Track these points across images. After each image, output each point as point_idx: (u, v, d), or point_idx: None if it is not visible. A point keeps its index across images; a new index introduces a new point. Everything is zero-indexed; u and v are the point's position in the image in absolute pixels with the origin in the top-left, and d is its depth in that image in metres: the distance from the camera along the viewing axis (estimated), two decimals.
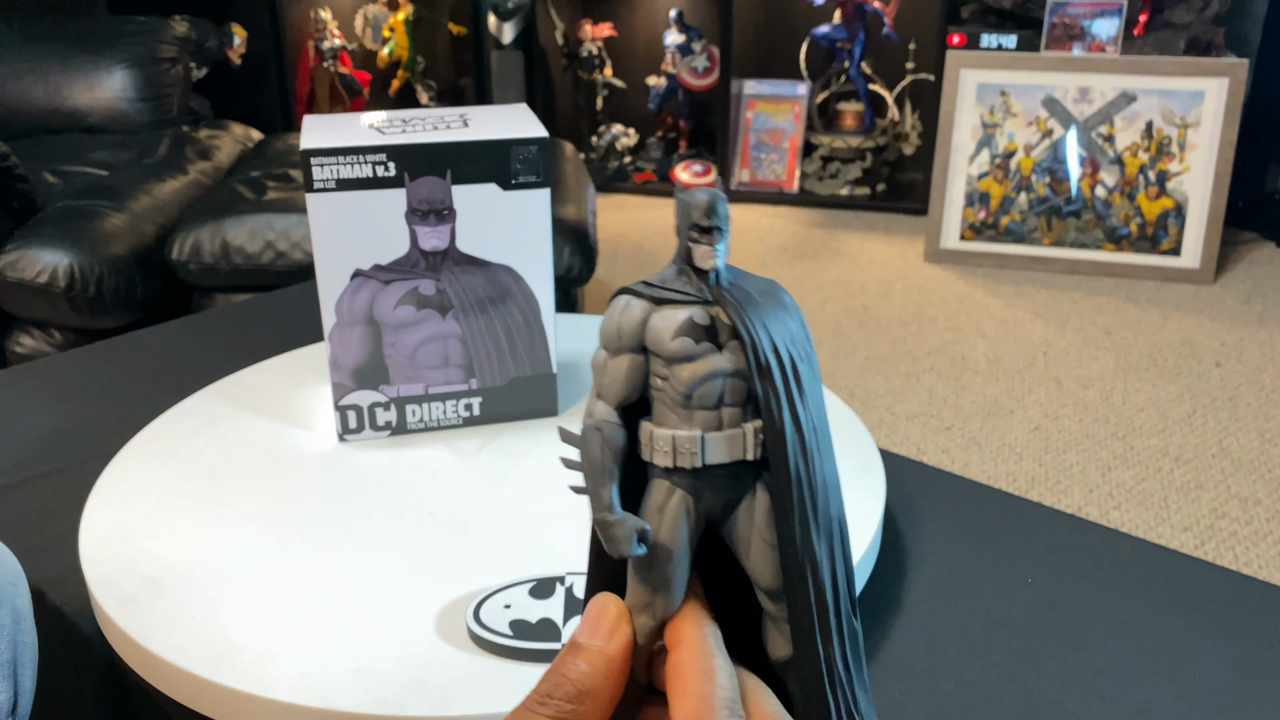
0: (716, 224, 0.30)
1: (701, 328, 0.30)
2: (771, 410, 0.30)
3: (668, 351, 0.30)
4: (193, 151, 2.43)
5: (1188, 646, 0.71)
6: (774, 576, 0.31)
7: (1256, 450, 1.99)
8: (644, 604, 0.32)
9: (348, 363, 0.85)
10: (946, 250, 2.95)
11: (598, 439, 0.31)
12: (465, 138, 0.81)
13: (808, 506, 0.30)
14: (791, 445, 0.30)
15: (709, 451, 0.30)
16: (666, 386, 0.31)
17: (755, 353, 0.30)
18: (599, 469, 0.30)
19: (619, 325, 0.31)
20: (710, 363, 0.30)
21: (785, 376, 0.30)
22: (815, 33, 3.45)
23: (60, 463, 0.90)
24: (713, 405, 0.30)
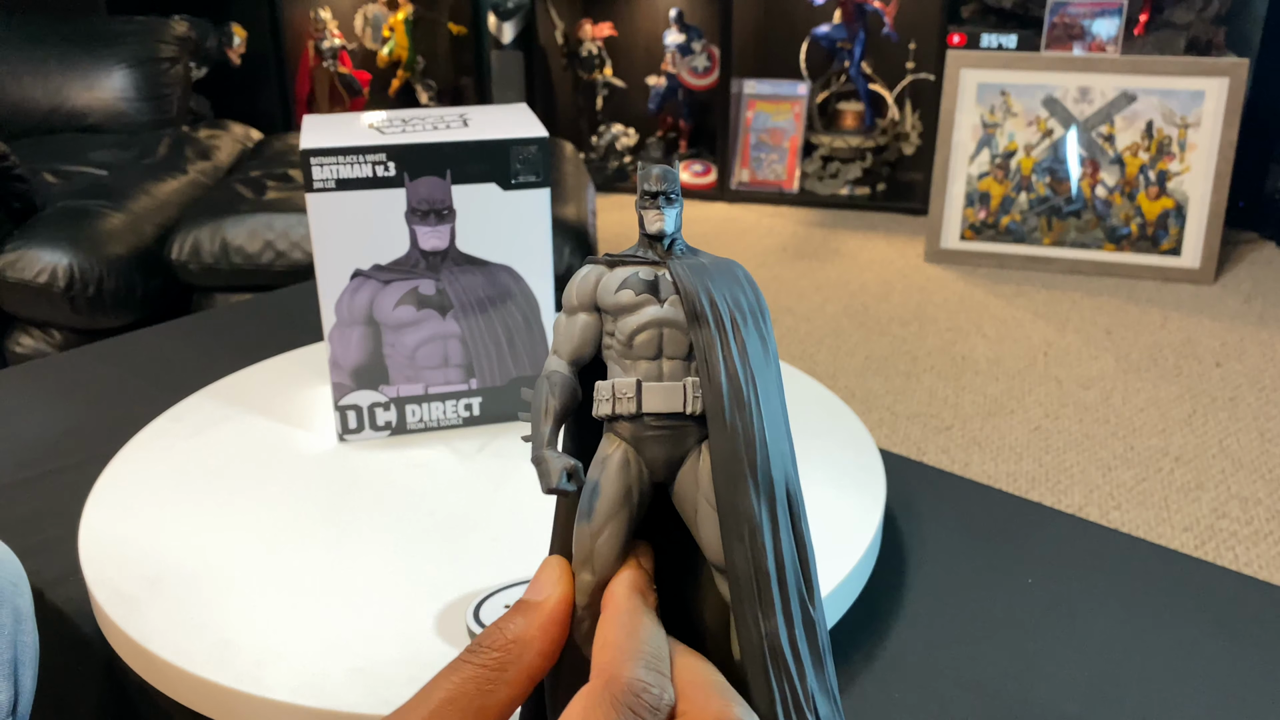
0: (662, 189, 0.32)
1: (645, 282, 0.32)
2: (705, 359, 0.30)
3: (611, 303, 0.32)
4: (192, 151, 2.42)
5: (1188, 646, 0.70)
6: (718, 545, 0.31)
7: (1257, 450, 1.99)
8: (583, 558, 0.32)
9: (347, 363, 0.85)
10: (947, 250, 2.95)
11: (545, 385, 0.32)
12: (465, 137, 0.81)
13: (743, 461, 0.30)
14: (727, 396, 0.30)
15: (646, 399, 0.31)
16: (613, 341, 0.32)
17: (690, 300, 0.31)
18: (540, 409, 0.32)
19: (575, 287, 0.33)
20: (649, 312, 0.31)
21: (723, 328, 0.31)
22: (815, 32, 3.45)
23: (60, 463, 0.90)
24: (652, 355, 0.31)
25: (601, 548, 0.31)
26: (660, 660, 0.29)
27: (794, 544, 0.31)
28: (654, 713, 0.27)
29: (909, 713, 0.66)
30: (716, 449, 0.30)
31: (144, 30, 2.65)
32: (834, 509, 0.79)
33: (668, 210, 0.32)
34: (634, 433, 0.32)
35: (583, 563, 0.32)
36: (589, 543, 0.32)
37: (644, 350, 0.31)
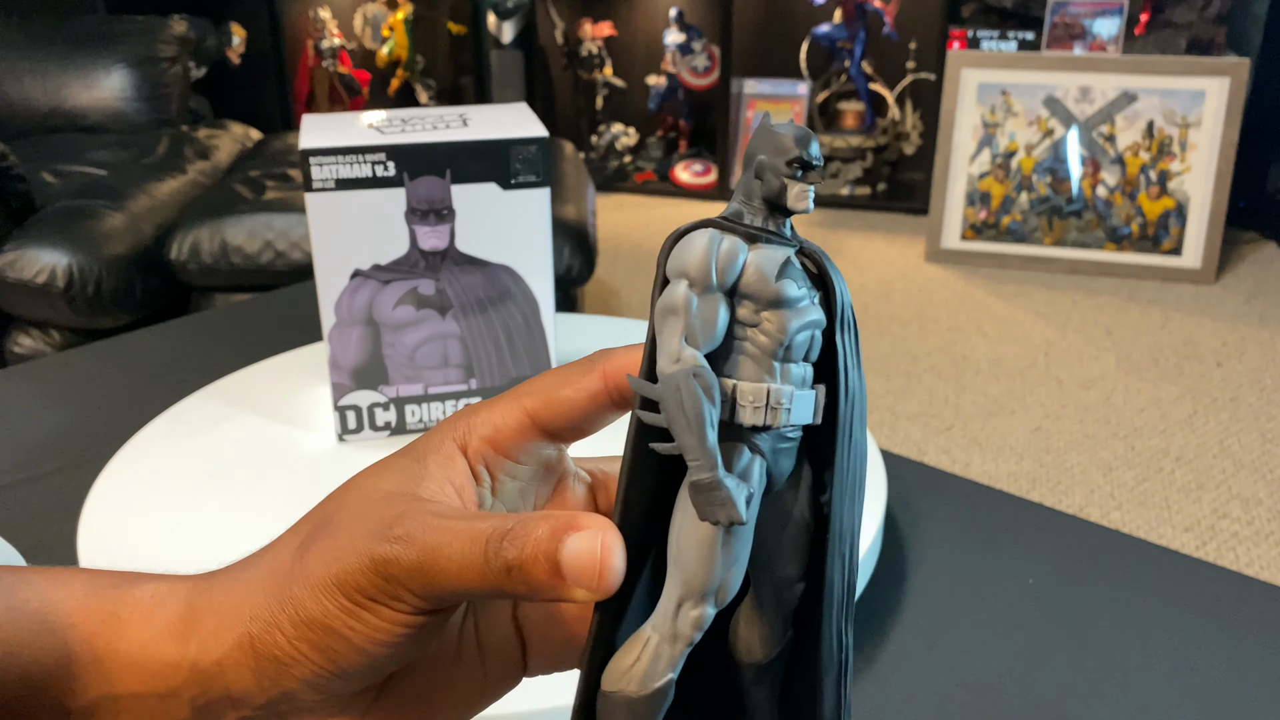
0: (818, 162, 0.27)
1: (800, 272, 0.28)
2: (847, 370, 0.28)
3: (769, 293, 0.27)
4: (191, 151, 2.42)
5: (1189, 647, 0.70)
6: (801, 560, 0.29)
7: (1258, 450, 1.99)
8: (708, 589, 0.28)
9: (347, 363, 0.84)
10: (947, 250, 2.95)
11: (695, 385, 0.26)
12: (465, 137, 0.80)
13: (860, 479, 0.28)
14: (856, 410, 0.28)
15: (796, 409, 0.28)
16: (757, 335, 0.27)
17: (841, 304, 0.28)
18: (701, 418, 0.26)
19: (714, 259, 0.27)
20: (809, 311, 0.28)
21: (855, 338, 0.29)
22: (816, 32, 3.45)
23: (59, 463, 0.90)
24: (803, 358, 0.28)
25: (732, 580, 0.28)
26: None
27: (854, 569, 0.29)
28: None
29: (910, 712, 0.66)
30: (842, 465, 0.28)
31: (143, 30, 2.65)
32: None
33: (815, 185, 0.27)
34: (772, 445, 0.28)
35: (704, 595, 0.28)
36: (720, 570, 0.28)
37: (799, 353, 0.28)
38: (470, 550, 0.27)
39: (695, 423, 0.26)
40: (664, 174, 3.65)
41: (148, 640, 0.29)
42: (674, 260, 0.27)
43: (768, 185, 0.27)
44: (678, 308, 0.27)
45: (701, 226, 0.27)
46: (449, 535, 0.28)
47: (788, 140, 0.26)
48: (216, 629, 0.29)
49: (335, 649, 0.28)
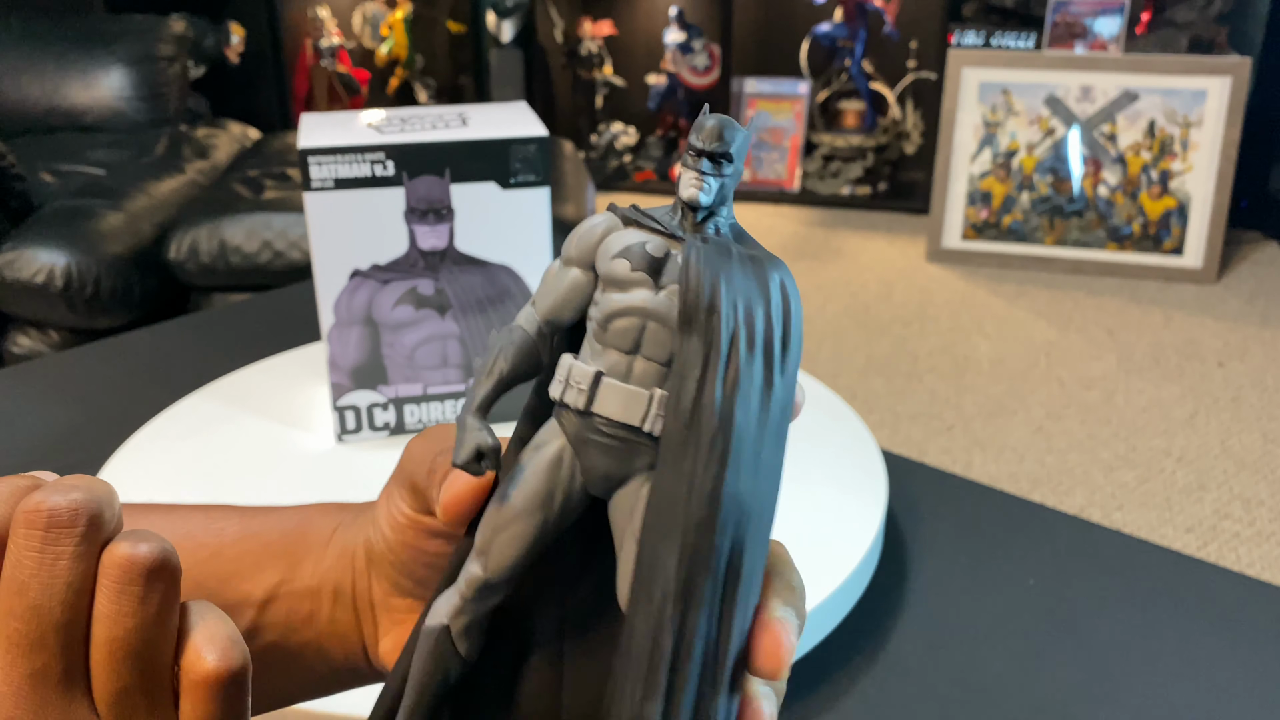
0: (713, 149, 0.25)
1: (650, 257, 0.26)
2: (679, 376, 0.24)
3: (605, 270, 0.27)
4: (190, 150, 2.42)
5: (1190, 648, 0.70)
6: (628, 592, 0.26)
7: (1259, 451, 1.99)
8: (481, 547, 0.28)
9: (346, 363, 0.84)
10: (948, 250, 2.95)
11: (499, 338, 0.28)
12: (464, 136, 0.80)
13: (681, 514, 0.24)
14: (689, 429, 0.24)
15: (601, 397, 0.26)
16: (594, 313, 0.27)
17: (686, 299, 0.25)
18: (486, 366, 0.28)
19: (578, 236, 0.28)
20: (638, 296, 0.26)
21: (716, 345, 0.24)
22: (816, 31, 3.44)
23: (57, 463, 0.89)
24: (626, 348, 0.26)
25: (501, 545, 0.28)
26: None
27: (714, 629, 0.24)
28: None
29: (910, 713, 0.66)
30: (657, 489, 0.24)
31: (142, 29, 2.64)
32: (836, 510, 0.78)
33: (711, 177, 0.26)
34: (579, 431, 0.27)
35: (478, 552, 0.28)
36: (489, 533, 0.28)
37: (618, 340, 0.26)
38: (433, 449, 0.32)
39: (479, 368, 0.28)
40: (664, 173, 3.64)
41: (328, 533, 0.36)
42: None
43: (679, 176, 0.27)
44: (543, 277, 0.28)
45: (605, 211, 0.28)
46: (443, 437, 0.33)
47: (697, 125, 0.26)
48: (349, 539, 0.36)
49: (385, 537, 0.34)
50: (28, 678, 0.26)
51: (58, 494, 0.26)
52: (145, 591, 0.26)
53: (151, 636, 0.27)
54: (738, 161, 0.26)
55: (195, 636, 0.27)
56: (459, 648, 0.29)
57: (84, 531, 0.26)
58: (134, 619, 0.26)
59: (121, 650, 0.26)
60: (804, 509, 0.79)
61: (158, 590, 0.27)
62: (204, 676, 0.27)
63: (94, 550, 0.27)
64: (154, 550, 0.27)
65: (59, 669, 0.26)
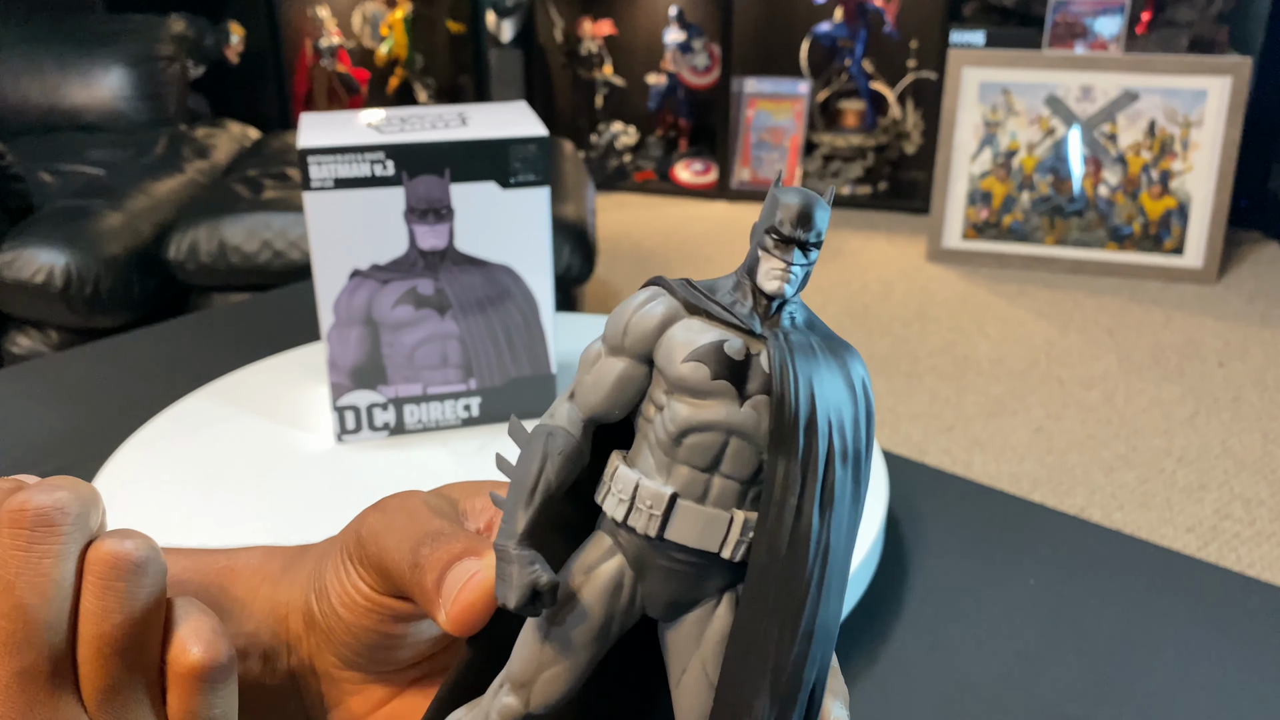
0: (803, 237, 0.22)
1: (728, 361, 0.23)
2: (776, 504, 0.22)
3: (674, 374, 0.23)
4: (190, 150, 2.42)
5: (1191, 647, 0.70)
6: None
7: (1260, 451, 1.99)
8: (521, 680, 0.25)
9: (346, 363, 0.84)
10: (948, 249, 2.95)
11: (541, 446, 0.24)
12: (464, 136, 0.80)
13: (770, 656, 0.22)
14: (784, 564, 0.22)
15: (675, 523, 0.23)
16: (658, 420, 0.23)
17: (783, 417, 0.22)
18: (526, 483, 0.24)
19: (630, 320, 0.24)
20: (720, 409, 0.23)
21: (813, 464, 0.22)
22: (816, 30, 3.44)
23: (56, 463, 0.89)
24: (704, 466, 0.23)
25: (549, 680, 0.24)
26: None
27: None
28: None
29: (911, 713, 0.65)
30: (746, 625, 0.22)
31: (141, 28, 2.64)
32: None
33: (798, 266, 0.23)
34: (642, 555, 0.24)
35: (518, 685, 0.25)
36: (533, 667, 0.24)
37: (694, 457, 0.23)
38: (410, 536, 0.29)
39: (517, 483, 0.24)
40: (664, 173, 3.64)
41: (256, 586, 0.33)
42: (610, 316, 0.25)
43: (749, 256, 0.23)
44: (583, 362, 0.25)
45: (651, 284, 0.24)
46: (410, 518, 0.29)
47: (776, 206, 0.23)
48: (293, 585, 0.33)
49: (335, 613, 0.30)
50: (15, 676, 0.26)
51: (42, 494, 0.26)
52: (131, 588, 0.26)
53: (138, 632, 0.27)
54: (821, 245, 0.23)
55: (180, 631, 0.27)
56: None
57: (69, 530, 0.26)
58: (120, 615, 0.26)
59: (109, 647, 0.26)
60: None
61: (143, 587, 0.27)
62: (189, 670, 0.27)
63: (79, 549, 0.27)
64: (139, 548, 0.27)
65: (46, 667, 0.26)
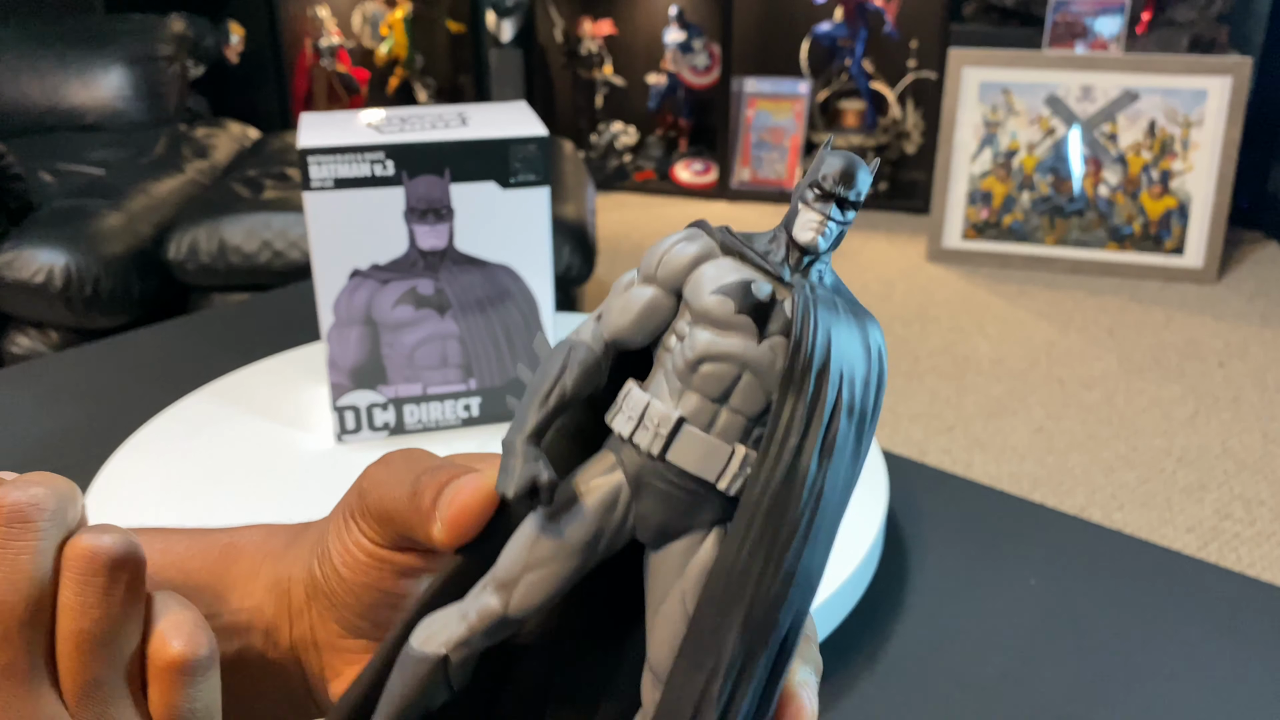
0: (843, 193, 0.24)
1: (754, 301, 0.24)
2: (779, 443, 0.23)
3: (700, 305, 0.24)
4: (190, 150, 2.42)
5: (1191, 648, 0.70)
6: (668, 656, 0.24)
7: (1260, 451, 1.99)
8: (505, 579, 0.25)
9: (345, 363, 0.84)
10: (949, 249, 2.95)
11: (563, 355, 0.25)
12: (464, 136, 0.80)
13: (749, 592, 0.22)
14: (775, 503, 0.23)
15: (678, 446, 0.24)
16: (679, 348, 0.24)
17: (797, 358, 0.23)
18: (545, 386, 0.24)
19: (665, 256, 0.25)
20: (739, 342, 0.24)
21: (820, 411, 0.23)
22: (816, 30, 3.44)
23: (56, 463, 0.89)
24: (716, 396, 0.24)
25: (531, 583, 0.25)
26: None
27: (756, 704, 0.24)
28: None
29: (910, 713, 0.65)
30: (727, 559, 0.23)
31: (141, 28, 2.64)
32: None
33: (834, 222, 0.24)
34: (642, 473, 0.24)
35: (500, 584, 0.25)
36: (518, 568, 0.25)
37: (706, 385, 0.24)
38: (408, 475, 0.29)
39: (534, 385, 0.25)
40: (664, 173, 3.64)
41: (258, 563, 0.33)
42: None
43: (790, 210, 0.24)
44: (615, 288, 0.26)
45: (693, 225, 0.25)
46: (407, 461, 0.29)
47: (821, 164, 0.24)
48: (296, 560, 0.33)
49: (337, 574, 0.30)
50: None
51: (17, 490, 0.26)
52: (109, 583, 0.26)
53: (117, 627, 0.26)
54: (860, 206, 0.24)
55: (161, 625, 0.27)
56: (453, 680, 0.26)
57: (45, 526, 0.26)
58: (99, 610, 0.26)
59: (87, 642, 0.26)
60: None
61: (121, 582, 0.26)
62: (169, 663, 0.27)
63: (56, 544, 0.27)
64: (117, 542, 0.27)
65: (25, 664, 0.26)
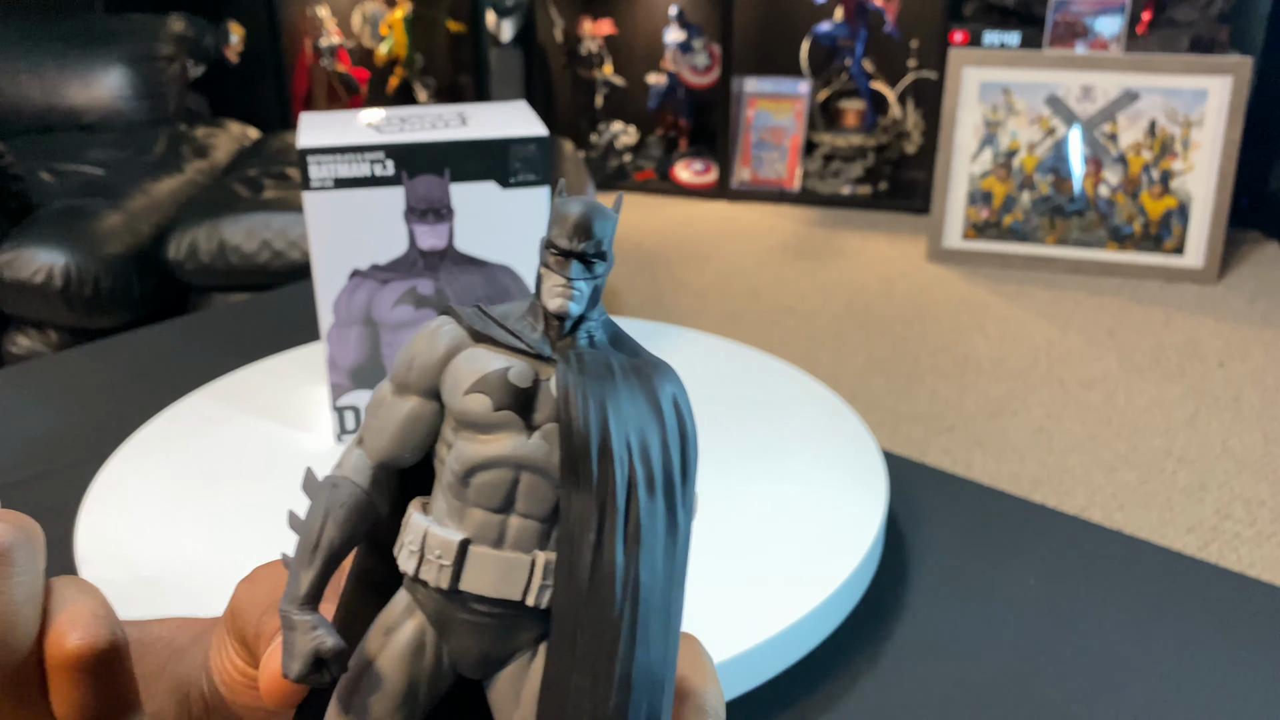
0: (581, 249, 0.21)
1: (514, 389, 0.21)
2: (574, 541, 0.20)
3: (457, 407, 0.21)
4: (190, 150, 2.42)
5: (1191, 648, 0.70)
6: None
7: (1260, 451, 1.99)
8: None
9: (345, 363, 0.84)
10: (949, 250, 2.95)
11: (324, 500, 0.22)
12: (464, 136, 0.80)
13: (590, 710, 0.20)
14: (591, 606, 0.20)
15: (470, 572, 0.21)
16: (449, 461, 0.22)
17: (572, 444, 0.20)
18: (309, 542, 0.22)
19: (417, 354, 0.22)
20: (506, 443, 0.21)
21: (611, 498, 0.20)
22: (817, 30, 3.44)
23: (56, 463, 0.89)
24: (497, 507, 0.21)
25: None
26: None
27: None
28: None
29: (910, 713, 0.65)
30: (554, 679, 0.20)
31: (141, 28, 2.64)
32: (836, 510, 0.78)
33: (582, 280, 0.21)
34: (442, 610, 0.22)
35: None
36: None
37: (484, 497, 0.21)
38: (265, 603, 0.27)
39: (303, 541, 0.22)
40: (664, 173, 3.64)
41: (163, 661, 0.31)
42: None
43: (536, 275, 0.22)
44: (370, 405, 0.23)
45: (442, 313, 0.23)
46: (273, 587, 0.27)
47: (554, 219, 0.21)
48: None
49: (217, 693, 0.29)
50: None
51: None
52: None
53: (10, 623, 0.24)
54: (610, 255, 0.21)
55: (58, 618, 0.25)
56: None
57: None
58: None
59: None
60: (804, 509, 0.79)
61: (11, 576, 0.25)
62: (67, 658, 0.24)
63: None
64: (4, 534, 0.25)
65: None
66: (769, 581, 0.71)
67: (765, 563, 0.73)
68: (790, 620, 0.66)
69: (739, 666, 0.64)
